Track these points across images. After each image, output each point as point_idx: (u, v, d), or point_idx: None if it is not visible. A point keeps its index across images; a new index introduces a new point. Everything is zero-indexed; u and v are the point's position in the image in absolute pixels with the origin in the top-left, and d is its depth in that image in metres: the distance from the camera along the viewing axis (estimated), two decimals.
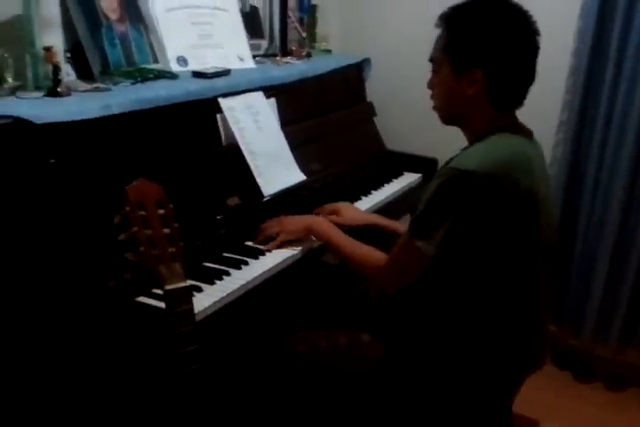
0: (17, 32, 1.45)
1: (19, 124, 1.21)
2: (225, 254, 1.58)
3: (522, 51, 1.32)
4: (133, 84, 1.58)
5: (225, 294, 1.41)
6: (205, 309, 1.35)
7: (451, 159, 1.36)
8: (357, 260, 1.52)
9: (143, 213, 1.09)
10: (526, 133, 1.41)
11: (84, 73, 1.57)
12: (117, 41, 1.62)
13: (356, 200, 2.03)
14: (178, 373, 1.09)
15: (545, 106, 2.29)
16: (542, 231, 1.36)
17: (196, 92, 1.62)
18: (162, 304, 1.32)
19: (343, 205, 1.84)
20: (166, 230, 1.11)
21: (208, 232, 1.57)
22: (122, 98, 1.43)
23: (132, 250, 1.08)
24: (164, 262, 1.09)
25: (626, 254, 2.26)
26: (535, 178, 1.33)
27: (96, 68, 1.56)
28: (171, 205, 1.13)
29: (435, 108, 1.46)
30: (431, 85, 1.45)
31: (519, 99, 1.38)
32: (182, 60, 1.80)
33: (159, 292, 1.37)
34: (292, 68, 2.04)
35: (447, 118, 1.45)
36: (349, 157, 2.19)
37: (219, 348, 1.40)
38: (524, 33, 1.32)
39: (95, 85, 1.49)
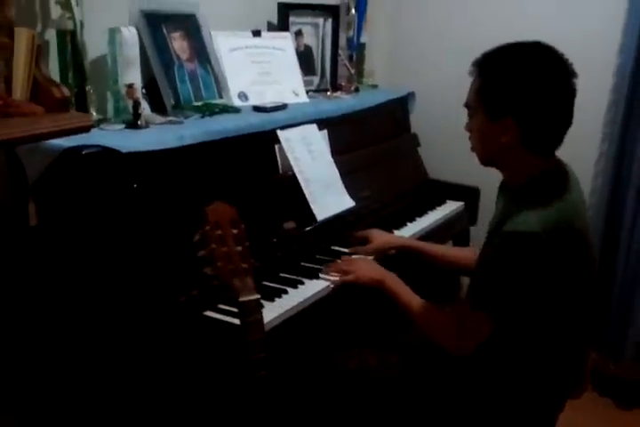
0: (101, 70, 1.63)
1: (106, 152, 1.36)
2: (282, 274, 1.70)
3: (555, 96, 1.33)
4: (202, 117, 1.73)
5: (284, 311, 1.52)
6: (266, 324, 1.46)
7: (499, 224, 1.38)
8: (424, 322, 1.52)
9: (220, 232, 1.21)
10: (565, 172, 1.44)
11: (157, 107, 1.72)
12: (187, 78, 1.78)
13: (402, 226, 2.14)
14: (249, 378, 1.20)
15: (585, 138, 2.39)
16: (593, 264, 1.45)
17: (257, 125, 1.76)
18: (227, 318, 1.46)
19: (373, 232, 1.92)
20: (239, 248, 1.23)
21: (266, 253, 1.69)
22: (193, 130, 1.58)
23: (209, 265, 1.20)
24: (238, 276, 1.21)
25: None
26: (580, 215, 1.40)
27: (169, 103, 1.71)
28: (243, 226, 1.25)
29: (473, 149, 1.48)
30: (468, 129, 1.47)
31: (557, 141, 1.40)
32: (243, 96, 1.95)
33: (224, 307, 1.51)
34: (341, 103, 2.18)
35: (485, 161, 1.47)
36: (395, 185, 2.31)
37: (277, 360, 1.51)
38: (558, 77, 1.34)
39: (169, 119, 1.65)
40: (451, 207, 2.39)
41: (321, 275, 1.70)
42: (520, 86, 1.33)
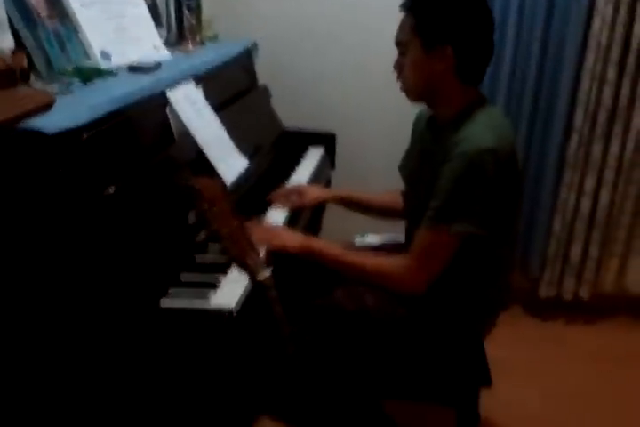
0: None
1: (31, 135, 1.10)
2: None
3: (483, 27, 1.44)
4: (84, 84, 1.48)
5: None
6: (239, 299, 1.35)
7: (445, 143, 1.42)
8: (374, 270, 1.51)
9: (216, 208, 1.07)
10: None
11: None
12: (53, 39, 1.49)
13: (287, 178, 2.09)
14: (286, 355, 1.11)
15: None
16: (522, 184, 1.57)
17: (149, 88, 1.56)
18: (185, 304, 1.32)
19: (300, 186, 1.87)
20: (237, 222, 1.10)
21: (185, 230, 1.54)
22: (94, 99, 1.34)
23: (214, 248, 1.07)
24: (248, 254, 1.09)
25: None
26: (513, 136, 1.51)
27: (43, 70, 1.43)
28: (230, 198, 1.12)
29: (403, 88, 1.52)
30: (398, 67, 1.50)
31: (483, 72, 1.50)
32: (106, 55, 1.70)
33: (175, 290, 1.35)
34: (203, 56, 2.01)
35: (417, 96, 1.52)
36: (262, 140, 2.22)
37: None
38: (484, 11, 1.44)
39: (54, 88, 1.38)
40: (316, 154, 2.37)
41: None
42: (457, 16, 1.41)
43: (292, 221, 1.80)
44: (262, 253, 1.45)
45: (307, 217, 1.89)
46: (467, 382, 1.56)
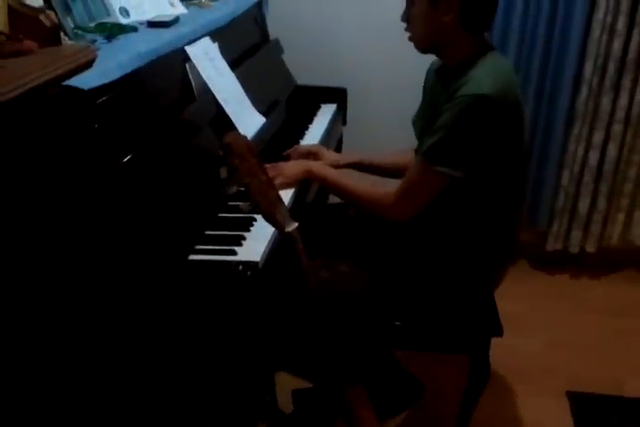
0: None
1: (69, 91, 1.13)
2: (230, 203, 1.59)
3: None
4: (109, 40, 1.50)
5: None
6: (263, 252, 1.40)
7: (449, 87, 1.46)
8: (365, 195, 1.61)
9: (247, 164, 1.11)
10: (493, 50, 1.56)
11: None
12: None
13: (302, 136, 2.11)
14: (312, 305, 1.16)
15: None
16: (523, 136, 1.60)
17: (173, 42, 1.59)
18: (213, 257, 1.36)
19: (321, 148, 1.91)
20: (264, 177, 1.14)
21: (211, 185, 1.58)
22: (125, 55, 1.37)
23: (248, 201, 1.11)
24: (276, 207, 1.14)
25: None
26: (518, 85, 1.54)
27: (68, 26, 1.45)
28: (257, 153, 1.16)
29: (411, 38, 1.56)
30: (405, 18, 1.54)
31: (489, 22, 1.54)
32: (125, 11, 1.71)
33: (203, 247, 1.40)
34: (217, 11, 2.00)
35: (425, 47, 1.56)
36: (276, 96, 2.24)
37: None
38: None
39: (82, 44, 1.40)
40: (330, 110, 2.39)
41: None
42: None
43: (299, 196, 1.79)
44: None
45: (314, 191, 1.93)
46: (479, 332, 1.63)
